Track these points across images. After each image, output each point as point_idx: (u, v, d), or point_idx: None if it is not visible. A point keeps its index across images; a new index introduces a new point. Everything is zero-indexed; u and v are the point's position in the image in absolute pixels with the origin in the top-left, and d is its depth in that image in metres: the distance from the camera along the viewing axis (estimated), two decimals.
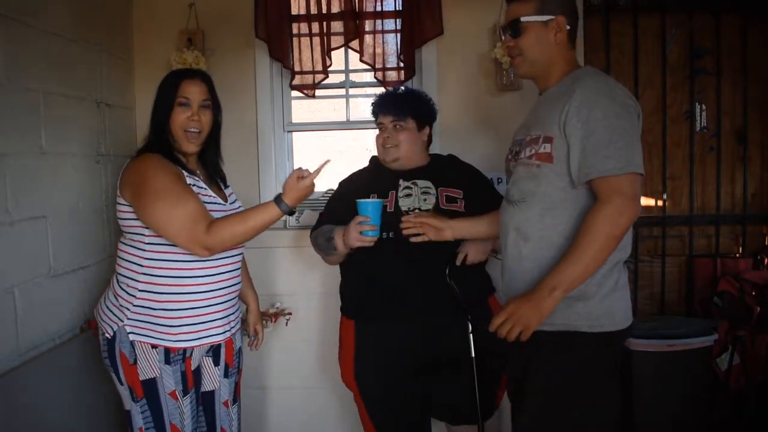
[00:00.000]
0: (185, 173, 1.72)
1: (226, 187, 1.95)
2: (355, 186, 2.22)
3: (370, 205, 1.94)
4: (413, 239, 1.97)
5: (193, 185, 1.72)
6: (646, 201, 2.95)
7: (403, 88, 2.40)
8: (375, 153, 2.29)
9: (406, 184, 2.16)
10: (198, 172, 1.83)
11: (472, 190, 2.18)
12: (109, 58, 2.50)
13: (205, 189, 1.77)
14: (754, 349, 2.63)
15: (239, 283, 1.88)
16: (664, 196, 2.91)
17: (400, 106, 2.20)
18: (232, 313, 1.85)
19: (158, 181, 1.64)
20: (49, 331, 2.05)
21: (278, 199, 1.68)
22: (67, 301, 2.15)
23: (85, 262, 2.26)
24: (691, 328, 2.53)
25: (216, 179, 1.90)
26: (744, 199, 2.91)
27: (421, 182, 2.16)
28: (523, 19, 1.65)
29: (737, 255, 2.91)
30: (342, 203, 2.16)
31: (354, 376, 2.18)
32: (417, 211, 2.09)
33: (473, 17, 2.66)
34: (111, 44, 2.52)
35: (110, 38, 2.52)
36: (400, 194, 2.14)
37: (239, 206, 1.92)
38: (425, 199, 2.13)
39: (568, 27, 1.67)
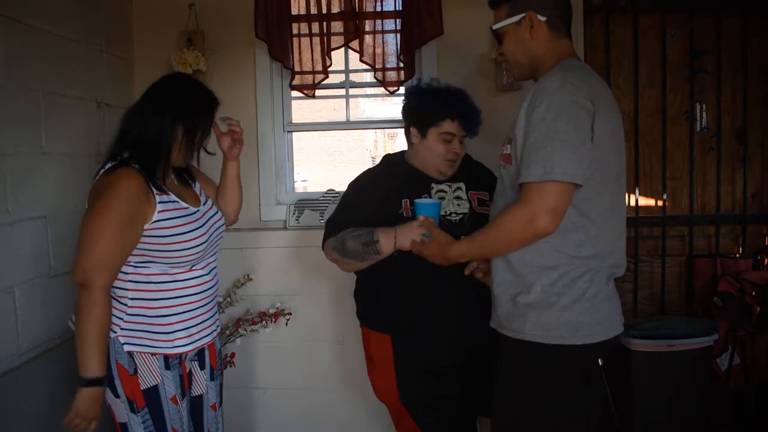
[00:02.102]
0: (156, 192, 1.64)
1: (192, 180, 1.86)
2: (383, 188, 2.03)
3: (432, 206, 1.87)
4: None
5: (161, 202, 1.64)
6: (646, 201, 2.95)
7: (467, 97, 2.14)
8: (373, 153, 2.27)
9: (440, 187, 2.04)
10: (171, 178, 1.76)
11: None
12: (109, 58, 2.51)
13: (177, 202, 1.69)
14: (754, 349, 2.63)
15: (218, 282, 1.86)
16: (664, 196, 2.91)
17: (478, 125, 2.08)
18: (216, 313, 1.84)
19: (113, 204, 1.56)
20: (49, 331, 2.05)
21: (93, 381, 1.56)
22: (67, 301, 2.14)
23: None
24: (691, 328, 2.53)
25: (184, 177, 1.83)
26: (744, 199, 2.91)
27: (454, 184, 2.05)
28: (495, 27, 1.66)
29: (737, 255, 2.91)
30: (367, 205, 2.00)
31: (398, 392, 2.02)
32: (453, 215, 1.99)
33: (473, 17, 2.65)
34: (111, 44, 2.52)
35: (110, 38, 2.52)
36: (434, 197, 2.02)
37: (212, 204, 1.86)
38: (458, 204, 2.02)
39: (544, 18, 1.59)
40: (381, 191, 2.02)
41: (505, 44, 1.67)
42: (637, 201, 2.89)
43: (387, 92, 2.73)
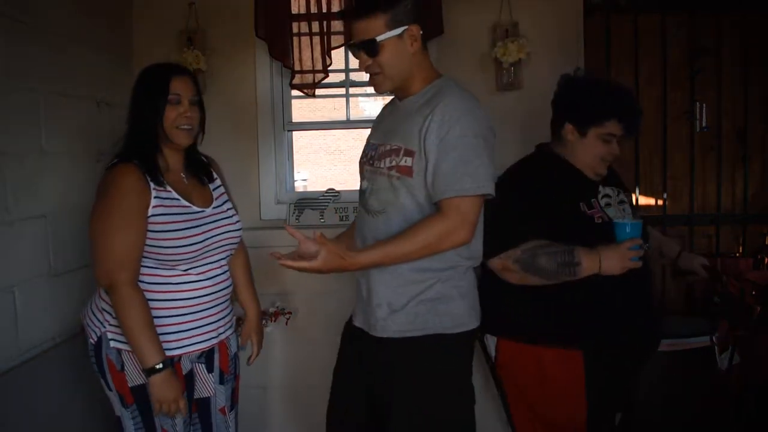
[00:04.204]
0: (153, 186, 1.65)
1: (211, 181, 1.85)
2: (550, 189, 1.84)
3: (636, 226, 1.73)
4: None
5: (157, 197, 1.65)
6: (646, 200, 2.95)
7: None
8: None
9: (605, 191, 1.89)
10: (180, 176, 1.76)
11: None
12: (109, 57, 2.50)
13: (177, 199, 1.69)
14: (754, 349, 2.63)
15: (228, 287, 1.82)
16: (665, 196, 2.91)
17: (639, 126, 1.93)
18: (221, 319, 1.79)
19: (114, 201, 1.60)
20: (49, 331, 2.05)
21: (154, 369, 1.60)
22: (67, 301, 2.15)
23: (85, 262, 2.25)
24: (691, 328, 2.53)
25: (200, 175, 1.82)
26: (744, 198, 2.91)
27: (615, 188, 1.93)
28: (379, 38, 1.58)
29: (737, 255, 2.91)
30: (543, 211, 1.80)
31: (586, 424, 1.81)
32: (627, 220, 1.81)
33: (473, 17, 2.66)
34: (111, 44, 2.52)
35: (110, 38, 2.52)
36: (600, 202, 1.86)
37: (228, 208, 1.84)
38: (623, 208, 1.88)
39: (421, 32, 1.61)
40: (550, 193, 1.83)
41: (382, 56, 1.59)
42: (637, 200, 2.89)
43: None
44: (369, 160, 1.73)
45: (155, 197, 1.64)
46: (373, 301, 1.66)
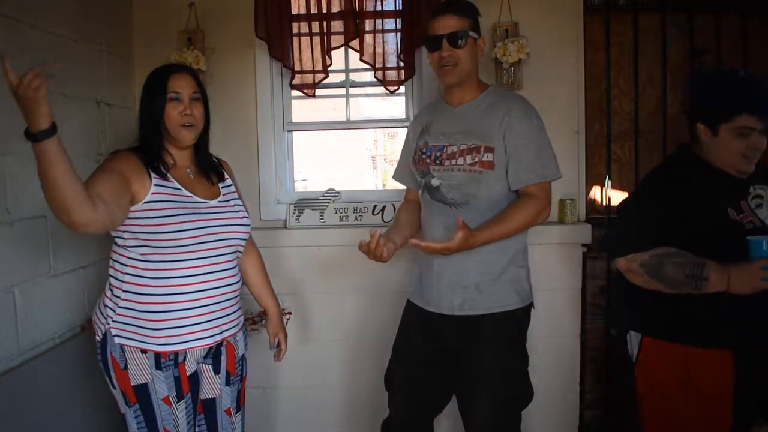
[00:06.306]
0: (154, 176, 1.68)
1: (222, 181, 1.87)
2: (698, 198, 1.73)
3: None
4: None
5: (157, 184, 1.67)
6: None
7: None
8: (373, 153, 2.27)
9: (756, 191, 1.75)
10: (185, 171, 1.78)
11: None
12: (110, 57, 2.51)
13: (179, 189, 1.71)
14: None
15: (235, 284, 1.82)
16: None
17: None
18: (225, 316, 1.78)
19: (105, 165, 1.67)
20: (49, 330, 2.05)
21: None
22: (67, 301, 2.16)
23: (85, 262, 2.26)
24: None
25: (209, 174, 1.84)
26: None
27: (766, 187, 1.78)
28: (471, 33, 1.89)
29: None
30: (680, 217, 1.71)
31: (731, 423, 1.72)
32: None
33: None
34: (111, 44, 2.52)
35: (110, 38, 2.52)
36: (751, 204, 1.73)
37: (235, 204, 1.85)
38: None
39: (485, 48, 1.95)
40: (694, 200, 1.72)
41: (463, 50, 1.88)
42: None
43: (387, 92, 2.73)
44: (435, 160, 1.92)
45: (155, 184, 1.67)
46: (461, 284, 1.89)
